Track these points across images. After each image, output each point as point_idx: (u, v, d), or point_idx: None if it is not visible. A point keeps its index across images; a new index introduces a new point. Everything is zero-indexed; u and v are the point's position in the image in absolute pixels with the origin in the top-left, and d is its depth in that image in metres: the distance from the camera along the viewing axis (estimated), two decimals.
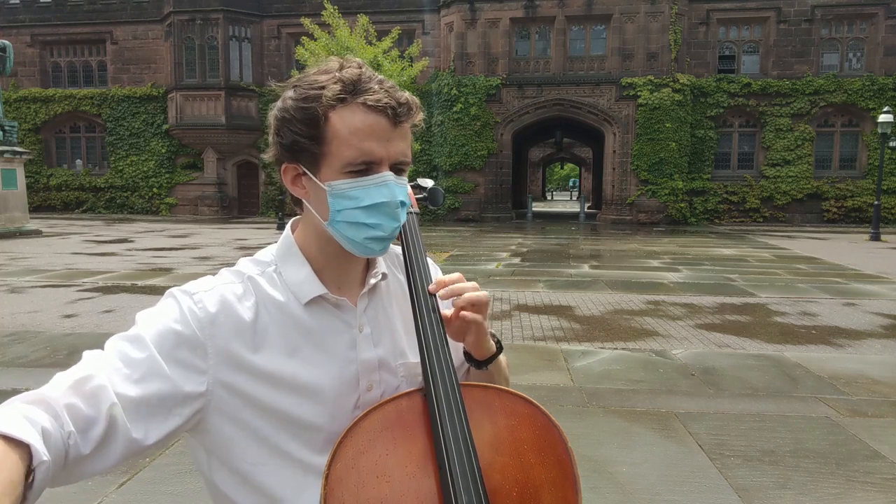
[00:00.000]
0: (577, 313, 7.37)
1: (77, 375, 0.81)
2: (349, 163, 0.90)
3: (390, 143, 0.91)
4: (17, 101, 27.53)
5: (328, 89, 0.89)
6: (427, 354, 0.94)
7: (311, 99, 0.90)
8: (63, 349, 5.55)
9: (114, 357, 0.85)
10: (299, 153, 0.93)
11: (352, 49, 15.87)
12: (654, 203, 23.19)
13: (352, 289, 1.01)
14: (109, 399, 0.81)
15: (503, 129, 24.02)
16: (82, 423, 0.78)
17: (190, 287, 0.94)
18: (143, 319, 0.90)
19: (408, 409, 0.91)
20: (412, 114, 0.93)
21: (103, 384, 0.81)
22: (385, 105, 0.89)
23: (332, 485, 0.83)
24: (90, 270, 10.57)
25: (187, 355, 0.88)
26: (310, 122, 0.90)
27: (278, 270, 0.99)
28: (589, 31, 23.62)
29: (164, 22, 26.84)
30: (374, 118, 0.89)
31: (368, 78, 0.91)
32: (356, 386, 0.97)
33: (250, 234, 18.74)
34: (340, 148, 0.90)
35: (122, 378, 0.83)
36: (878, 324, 6.93)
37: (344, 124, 0.89)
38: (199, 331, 0.89)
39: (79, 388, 0.80)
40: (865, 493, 3.05)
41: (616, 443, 3.67)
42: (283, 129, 0.93)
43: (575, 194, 60.41)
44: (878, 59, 23.21)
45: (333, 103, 0.89)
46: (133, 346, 0.86)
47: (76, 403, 0.79)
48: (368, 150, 0.90)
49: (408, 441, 0.88)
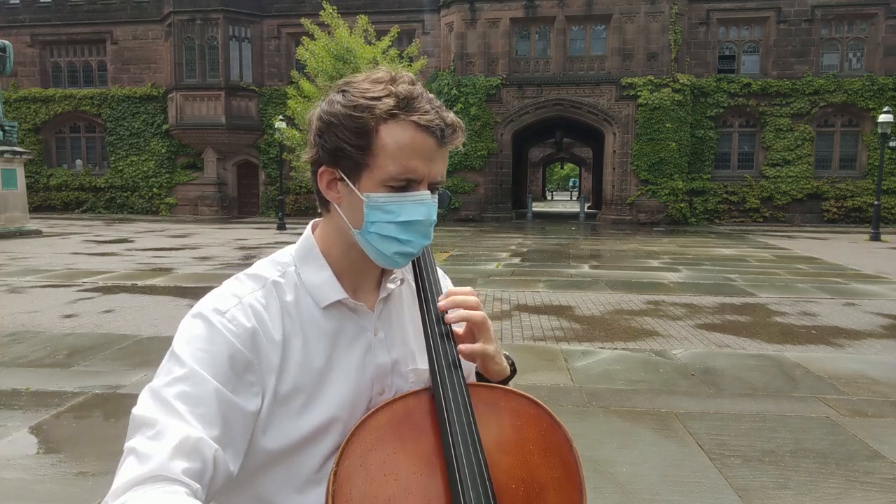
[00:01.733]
0: (577, 313, 7.37)
1: (173, 441, 0.78)
2: (392, 177, 0.90)
3: (433, 163, 0.92)
4: (17, 101, 27.53)
5: (382, 102, 0.89)
6: (434, 353, 0.94)
7: (362, 108, 0.89)
8: (63, 349, 5.55)
9: (179, 403, 0.81)
10: (342, 159, 0.92)
11: (351, 49, 15.87)
12: (654, 203, 23.19)
13: (367, 293, 1.02)
14: (211, 448, 0.80)
15: (503, 129, 24.02)
16: (197, 476, 0.78)
17: (219, 304, 0.91)
18: (186, 351, 0.86)
19: (415, 407, 0.92)
20: (457, 135, 0.94)
21: (200, 436, 0.80)
22: (436, 126, 0.89)
23: (340, 482, 0.83)
24: (90, 270, 10.57)
25: (241, 375, 0.88)
26: (359, 132, 0.90)
27: (298, 271, 0.98)
28: (589, 31, 23.62)
29: (164, 22, 26.84)
30: (423, 137, 0.90)
31: (420, 95, 0.91)
32: (370, 390, 0.98)
33: (250, 234, 18.74)
34: (386, 162, 0.90)
35: (202, 421, 0.81)
36: (878, 324, 6.93)
37: (393, 139, 0.89)
38: (244, 347, 0.88)
39: (182, 450, 0.78)
40: (865, 493, 3.05)
41: (616, 443, 3.67)
42: (329, 133, 0.92)
43: (575, 194, 60.40)
44: (878, 59, 23.21)
45: (385, 117, 0.89)
46: (192, 384, 0.83)
47: (187, 467, 0.77)
48: (413, 168, 0.90)
49: (415, 439, 0.89)
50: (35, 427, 3.80)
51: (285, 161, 22.01)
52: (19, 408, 4.10)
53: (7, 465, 3.28)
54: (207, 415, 0.82)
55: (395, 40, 16.89)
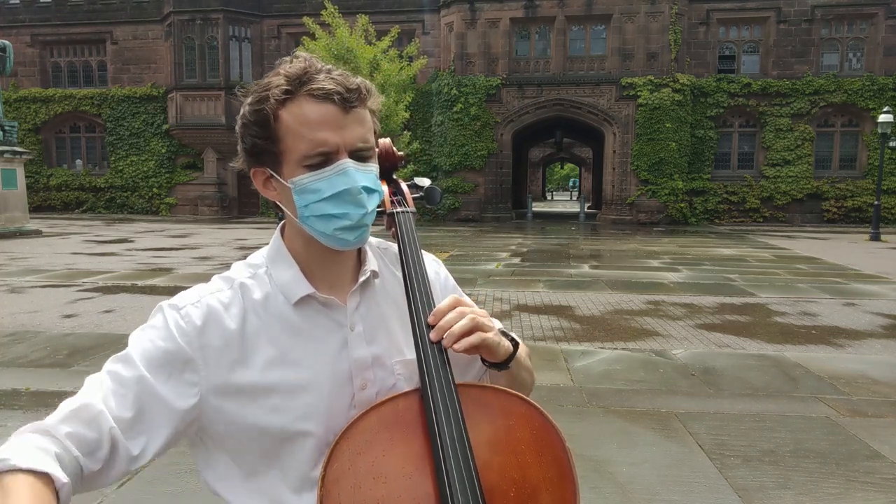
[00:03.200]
0: (577, 313, 7.37)
1: (76, 405, 0.86)
2: (305, 156, 0.90)
3: (344, 130, 0.90)
4: (17, 101, 27.53)
5: (275, 87, 0.90)
6: (423, 354, 0.93)
7: (261, 100, 0.91)
8: (63, 349, 5.55)
9: (108, 379, 0.89)
10: (261, 156, 0.94)
11: (352, 49, 15.86)
12: (654, 203, 23.19)
13: (343, 287, 1.01)
14: (108, 423, 0.85)
15: (503, 129, 24.02)
16: (87, 447, 0.84)
17: (178, 300, 0.95)
18: (134, 338, 0.93)
19: (404, 409, 0.91)
20: (364, 98, 0.92)
21: (101, 409, 0.86)
22: (330, 91, 0.89)
23: (328, 486, 0.82)
24: (90, 270, 10.57)
25: (177, 371, 0.90)
26: (263, 123, 0.91)
27: (269, 272, 0.99)
28: (589, 31, 23.62)
29: (164, 22, 26.84)
30: (323, 107, 0.89)
31: (316, 69, 0.91)
32: (350, 385, 0.97)
33: (250, 234, 18.74)
34: (295, 143, 0.90)
35: (117, 400, 0.87)
36: (878, 324, 6.93)
37: (293, 118, 0.89)
38: (188, 345, 0.91)
39: (79, 416, 0.85)
40: (865, 493, 3.05)
41: (616, 443, 3.67)
42: (245, 135, 0.95)
43: (575, 194, 60.40)
44: (878, 59, 23.21)
45: (281, 99, 0.89)
46: (125, 367, 0.90)
47: (78, 431, 0.84)
48: (322, 140, 0.89)
49: (405, 442, 0.88)
50: None
51: None
52: (19, 408, 4.10)
53: None
54: (127, 396, 0.88)
55: (395, 40, 16.89)
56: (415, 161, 23.23)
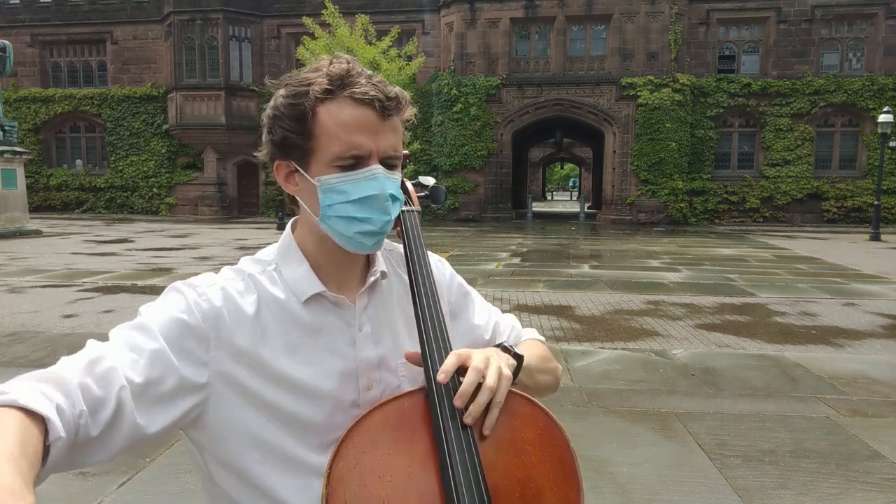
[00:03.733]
0: (577, 313, 7.37)
1: (89, 357, 0.81)
2: (337, 156, 0.90)
3: (379, 137, 0.91)
4: (17, 101, 27.53)
5: (316, 84, 0.90)
6: (429, 353, 0.93)
7: (299, 95, 0.90)
8: (63, 349, 5.55)
9: (121, 344, 0.85)
10: (290, 150, 0.94)
11: (352, 49, 15.86)
12: (654, 203, 23.18)
13: (352, 287, 1.01)
14: (119, 382, 0.81)
15: (503, 129, 24.02)
16: (93, 403, 0.77)
17: (193, 281, 0.95)
18: (149, 311, 0.90)
19: (410, 408, 0.91)
20: (401, 107, 0.93)
21: (114, 366, 0.81)
22: (372, 98, 0.89)
23: (333, 484, 0.82)
24: (90, 270, 10.57)
25: (192, 345, 0.89)
26: (298, 118, 0.91)
27: (278, 269, 0.99)
28: (589, 31, 23.62)
29: (164, 22, 26.84)
30: (362, 111, 0.89)
31: (358, 73, 0.91)
32: (355, 384, 0.97)
33: (250, 234, 18.74)
34: (329, 142, 0.90)
35: (129, 363, 0.83)
36: (878, 324, 6.93)
37: (331, 118, 0.90)
38: (204, 322, 0.90)
39: (91, 369, 0.79)
40: (865, 493, 3.05)
41: (616, 443, 3.67)
42: (275, 127, 0.94)
43: (575, 194, 60.40)
44: (878, 59, 23.21)
45: (321, 97, 0.89)
46: (140, 334, 0.86)
47: (88, 383, 0.78)
48: (357, 144, 0.90)
49: (410, 441, 0.88)
50: None
51: None
52: None
53: None
54: (140, 362, 0.84)
55: (395, 40, 16.89)
56: (415, 161, 23.23)
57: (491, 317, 1.19)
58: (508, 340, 1.14)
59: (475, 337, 1.14)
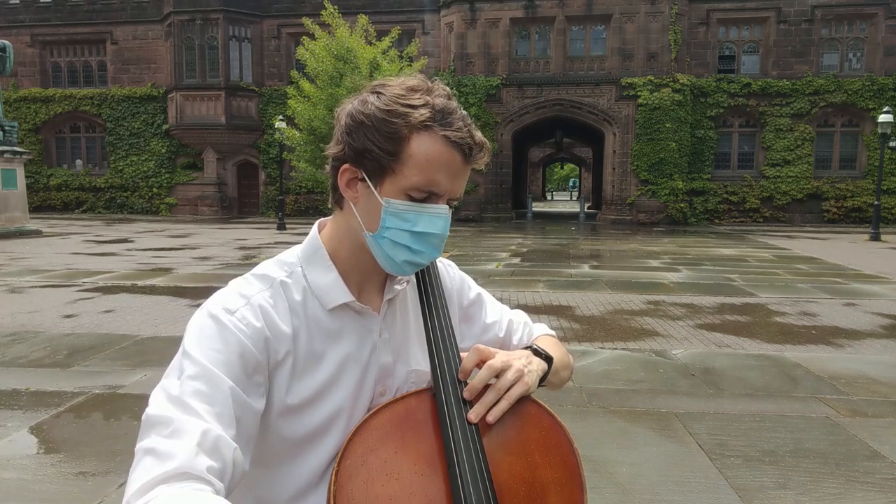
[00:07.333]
0: (577, 313, 7.37)
1: (196, 437, 0.76)
2: (415, 187, 0.90)
3: (457, 179, 0.92)
4: (17, 101, 27.52)
5: (418, 112, 0.88)
6: (437, 352, 0.95)
7: (398, 115, 0.89)
8: (63, 349, 5.55)
9: (195, 402, 0.80)
10: (367, 161, 0.91)
11: (352, 49, 15.85)
12: (654, 203, 23.18)
13: (372, 294, 1.01)
14: (230, 446, 0.79)
15: (503, 129, 24.02)
16: (219, 476, 0.77)
17: (227, 304, 0.90)
18: (197, 350, 0.85)
19: (417, 407, 0.92)
20: (482, 155, 0.94)
21: (219, 434, 0.79)
22: (465, 143, 0.90)
23: (341, 481, 0.83)
24: (90, 270, 10.57)
25: (252, 375, 0.87)
26: (391, 137, 0.89)
27: (304, 272, 0.98)
28: (589, 31, 23.62)
29: (164, 22, 26.84)
30: (452, 153, 0.90)
31: (454, 110, 0.91)
32: (372, 391, 0.98)
33: (250, 234, 18.74)
34: (412, 171, 0.89)
35: (218, 419, 0.80)
36: (878, 324, 6.93)
37: (423, 150, 0.89)
38: (255, 347, 0.88)
39: (204, 448, 0.77)
40: (865, 493, 3.05)
41: (616, 443, 3.67)
42: (358, 133, 0.91)
43: (575, 194, 60.39)
44: (878, 59, 23.21)
45: (419, 127, 0.88)
46: (208, 384, 0.82)
47: (211, 465, 0.76)
48: (437, 181, 0.90)
49: (417, 439, 0.89)
50: (35, 427, 3.80)
51: (285, 161, 22.00)
52: (19, 408, 4.10)
53: (7, 465, 3.28)
54: (224, 414, 0.81)
55: (395, 40, 16.89)
56: None
57: (503, 315, 1.21)
58: (522, 337, 1.17)
59: (490, 336, 1.16)
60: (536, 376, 0.98)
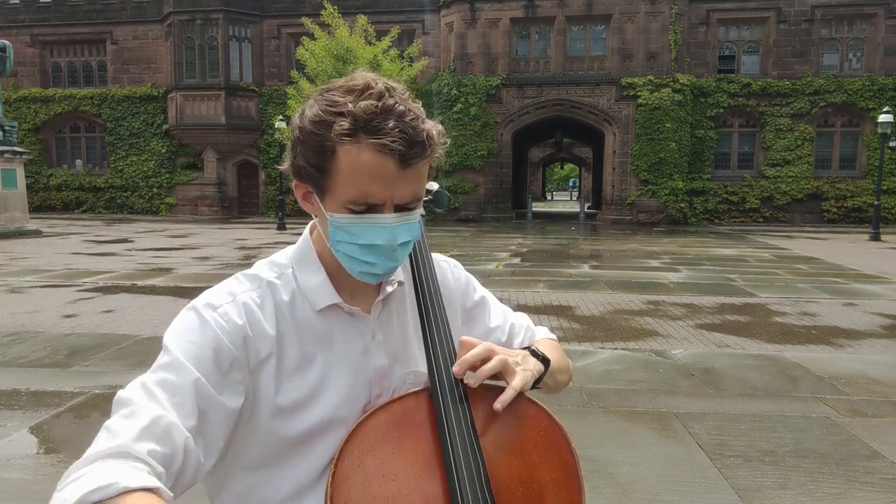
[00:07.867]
0: (577, 313, 7.37)
1: (144, 420, 0.79)
2: (351, 201, 0.87)
3: (396, 185, 0.87)
4: (17, 101, 27.52)
5: (338, 123, 0.84)
6: (433, 353, 0.94)
7: (325, 125, 0.85)
8: (63, 349, 5.55)
9: (159, 390, 0.83)
10: (305, 177, 0.91)
11: (352, 49, 15.85)
12: (654, 203, 23.18)
13: (365, 295, 1.00)
14: (181, 434, 0.81)
15: (503, 129, 24.02)
16: (164, 461, 0.78)
17: (212, 299, 0.92)
18: (174, 342, 0.87)
19: (414, 408, 0.92)
20: (426, 154, 0.88)
21: (172, 421, 0.80)
22: (395, 149, 0.83)
23: (338, 482, 0.83)
24: (90, 270, 10.57)
25: (227, 371, 0.88)
26: (318, 151, 0.86)
27: (294, 274, 0.98)
28: (589, 31, 23.62)
29: (164, 22, 26.84)
30: (382, 161, 0.84)
31: (387, 112, 0.84)
32: (367, 392, 0.98)
33: (250, 234, 18.73)
34: (344, 184, 0.87)
35: (177, 409, 0.82)
36: (878, 324, 6.93)
37: (349, 162, 0.85)
38: (232, 344, 0.88)
39: (151, 432, 0.78)
40: (865, 493, 3.05)
41: (616, 443, 3.67)
42: (295, 149, 0.90)
43: (575, 194, 60.38)
44: (878, 59, 23.21)
45: (343, 138, 0.84)
46: (174, 373, 0.84)
47: (154, 448, 0.78)
48: (371, 192, 0.86)
49: (414, 440, 0.89)
50: (35, 427, 3.80)
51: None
52: (19, 408, 4.10)
53: (7, 465, 3.28)
54: (185, 404, 0.83)
55: (395, 40, 16.89)
56: None
57: (507, 318, 1.20)
58: (524, 341, 1.16)
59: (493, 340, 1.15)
60: (532, 375, 0.97)
